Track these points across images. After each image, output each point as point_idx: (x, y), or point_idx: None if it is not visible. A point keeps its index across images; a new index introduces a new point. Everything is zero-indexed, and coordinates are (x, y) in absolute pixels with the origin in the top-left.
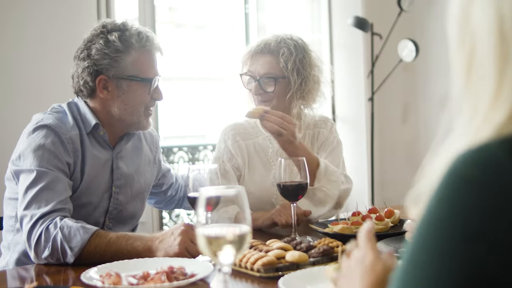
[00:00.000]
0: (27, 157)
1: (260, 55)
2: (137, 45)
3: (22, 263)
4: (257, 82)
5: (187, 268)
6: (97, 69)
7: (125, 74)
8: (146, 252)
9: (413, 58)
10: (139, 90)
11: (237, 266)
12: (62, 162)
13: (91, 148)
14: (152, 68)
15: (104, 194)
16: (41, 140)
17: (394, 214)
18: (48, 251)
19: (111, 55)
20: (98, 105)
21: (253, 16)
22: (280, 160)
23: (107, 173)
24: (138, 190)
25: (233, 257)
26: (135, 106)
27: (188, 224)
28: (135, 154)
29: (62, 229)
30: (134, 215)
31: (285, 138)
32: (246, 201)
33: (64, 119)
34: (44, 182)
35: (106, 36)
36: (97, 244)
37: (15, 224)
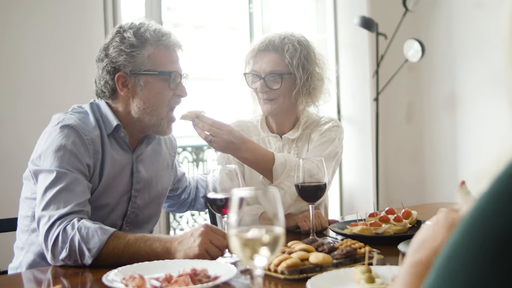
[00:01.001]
0: (48, 157)
1: (264, 53)
2: (153, 39)
3: (36, 264)
4: (263, 80)
5: (209, 270)
6: (115, 67)
7: (142, 69)
8: (165, 254)
9: (419, 58)
10: (157, 84)
11: None
12: (83, 163)
13: (111, 150)
14: (171, 62)
15: (123, 197)
16: (62, 140)
17: (412, 215)
18: (65, 253)
19: (126, 51)
20: (120, 106)
21: (257, 16)
22: (299, 160)
23: (127, 176)
24: (155, 195)
25: (267, 260)
26: (155, 105)
27: (208, 225)
28: (154, 158)
29: (80, 230)
30: (150, 219)
31: (216, 145)
32: (280, 202)
33: (86, 120)
34: (63, 183)
35: (122, 34)
36: (115, 246)
37: (30, 224)
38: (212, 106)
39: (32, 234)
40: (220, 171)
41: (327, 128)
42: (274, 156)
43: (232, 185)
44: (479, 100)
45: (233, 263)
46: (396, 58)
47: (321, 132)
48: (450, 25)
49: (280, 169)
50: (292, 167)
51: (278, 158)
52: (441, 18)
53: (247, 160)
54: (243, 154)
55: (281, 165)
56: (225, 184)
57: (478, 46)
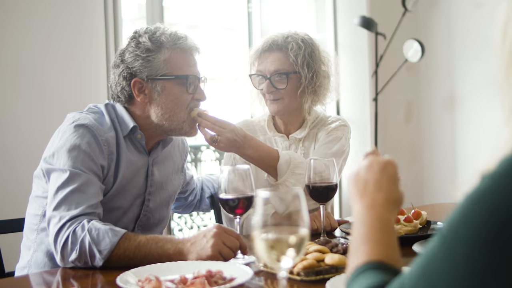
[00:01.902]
0: (61, 156)
1: (269, 52)
2: (169, 44)
3: (45, 265)
4: (268, 80)
5: (225, 272)
6: (131, 72)
7: (158, 74)
8: (177, 255)
9: (418, 58)
10: (174, 89)
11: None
12: (96, 164)
13: (126, 151)
14: (188, 66)
15: (136, 200)
16: (77, 140)
17: (422, 216)
18: (75, 254)
19: (142, 56)
20: (137, 110)
21: (256, 16)
22: (310, 160)
23: (142, 179)
24: (165, 198)
25: (293, 261)
26: (174, 110)
27: (220, 226)
28: (166, 161)
29: (90, 232)
30: (160, 222)
31: (221, 144)
32: (305, 202)
33: (101, 120)
34: (76, 184)
35: (137, 39)
36: (127, 247)
37: (40, 223)
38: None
39: (42, 233)
40: (232, 171)
41: (334, 127)
42: (278, 154)
43: (244, 186)
44: (478, 100)
45: (246, 264)
46: (395, 58)
47: (327, 131)
48: (449, 25)
49: (284, 166)
50: (297, 164)
51: (282, 155)
52: (440, 18)
53: (251, 158)
54: (246, 151)
55: (285, 163)
56: (237, 184)
57: (477, 46)
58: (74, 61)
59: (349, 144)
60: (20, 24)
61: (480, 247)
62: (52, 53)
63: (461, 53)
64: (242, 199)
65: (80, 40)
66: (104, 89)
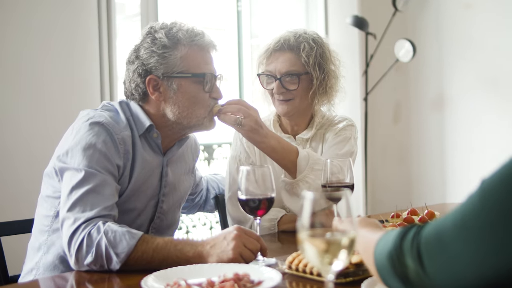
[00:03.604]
0: (76, 155)
1: (280, 52)
2: (186, 40)
3: (54, 267)
4: (278, 81)
5: (251, 275)
6: (146, 69)
7: (174, 71)
8: (196, 258)
9: (410, 58)
10: (191, 87)
11: (300, 271)
12: (112, 164)
13: (142, 151)
14: (205, 63)
15: (150, 201)
16: (92, 138)
17: (435, 216)
18: (91, 257)
19: (158, 52)
20: (151, 109)
21: (246, 15)
22: (325, 160)
23: (156, 179)
24: (178, 200)
25: (344, 264)
26: (191, 109)
27: (240, 228)
28: (179, 161)
29: (107, 234)
30: (172, 224)
31: (247, 127)
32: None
33: (117, 118)
34: (91, 184)
35: (153, 35)
36: (144, 250)
37: (52, 224)
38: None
39: (53, 234)
40: (252, 171)
41: (342, 127)
42: (297, 149)
43: (265, 186)
44: (467, 100)
45: (268, 266)
46: (386, 58)
47: (336, 131)
48: (438, 26)
49: (304, 162)
50: (315, 160)
51: (301, 151)
52: (430, 19)
53: (273, 149)
54: (270, 141)
55: (304, 158)
56: (258, 184)
57: (466, 46)
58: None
59: (357, 144)
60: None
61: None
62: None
63: (450, 54)
64: (263, 200)
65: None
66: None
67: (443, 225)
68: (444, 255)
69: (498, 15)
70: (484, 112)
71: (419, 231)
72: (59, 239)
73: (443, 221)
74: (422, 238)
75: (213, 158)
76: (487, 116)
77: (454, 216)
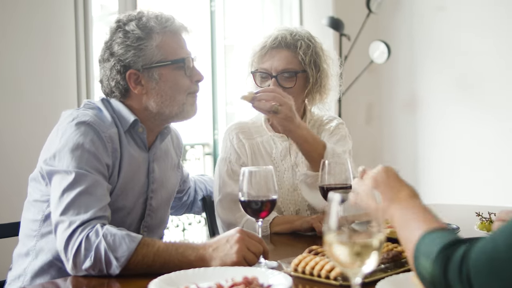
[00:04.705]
0: (64, 157)
1: (276, 50)
2: (158, 28)
3: (43, 272)
4: (275, 79)
5: (260, 279)
6: (124, 64)
7: (153, 62)
8: (199, 262)
9: (385, 59)
10: (172, 75)
11: (307, 274)
12: (102, 163)
13: (128, 147)
14: (181, 47)
15: (139, 199)
16: (79, 138)
17: None
18: (90, 262)
19: (133, 45)
20: (134, 103)
21: (219, 15)
22: (324, 161)
23: (143, 176)
24: (167, 196)
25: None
26: (174, 96)
27: (243, 231)
28: (165, 157)
29: (106, 237)
30: (162, 222)
31: (282, 115)
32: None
33: (102, 116)
34: (83, 186)
35: (124, 29)
36: (145, 254)
37: (40, 228)
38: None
39: (41, 239)
40: (255, 173)
41: (335, 126)
42: (325, 143)
43: (267, 188)
44: (439, 101)
45: (271, 268)
46: (359, 60)
47: (330, 130)
48: (411, 27)
49: (330, 155)
50: (339, 154)
51: (327, 144)
52: (403, 21)
53: (305, 140)
54: (303, 131)
55: (330, 151)
56: (260, 186)
57: (439, 48)
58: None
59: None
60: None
61: None
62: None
63: (423, 55)
64: (266, 202)
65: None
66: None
67: (495, 249)
68: (498, 283)
69: (471, 17)
70: (456, 113)
71: (466, 254)
72: (48, 244)
73: (493, 244)
74: (471, 264)
75: (186, 159)
76: (459, 117)
77: (506, 237)
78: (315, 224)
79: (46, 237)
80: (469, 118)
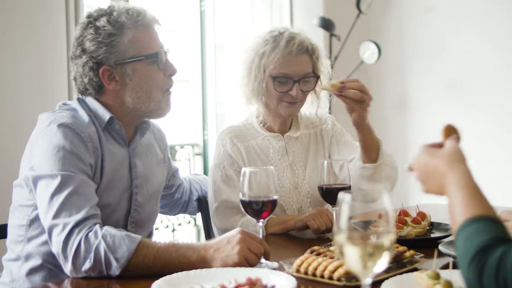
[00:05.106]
0: (47, 161)
1: (298, 55)
2: (129, 22)
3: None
4: (297, 84)
5: (263, 280)
6: (97, 61)
7: (126, 57)
8: (200, 262)
9: (375, 60)
10: (146, 69)
11: (309, 275)
12: (85, 163)
13: (108, 145)
14: (153, 41)
15: (123, 195)
16: (59, 141)
17: (426, 217)
18: (89, 263)
19: (105, 42)
20: (109, 100)
21: (209, 15)
22: (323, 161)
23: (126, 172)
24: (153, 191)
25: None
26: (150, 92)
27: (244, 231)
28: (148, 152)
29: (105, 238)
30: (150, 217)
31: (365, 104)
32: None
33: (78, 116)
34: (71, 187)
35: (94, 24)
36: (145, 255)
37: (26, 233)
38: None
39: (28, 243)
40: (256, 173)
41: (339, 127)
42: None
43: (268, 188)
44: (429, 101)
45: (272, 269)
46: (350, 60)
47: (338, 130)
48: (401, 28)
49: (384, 147)
50: (389, 155)
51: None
52: (392, 21)
53: (371, 131)
54: (367, 123)
55: (384, 148)
56: (261, 186)
57: (428, 48)
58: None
59: None
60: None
61: None
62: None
63: (412, 55)
64: (267, 202)
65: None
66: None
67: None
68: None
69: (460, 18)
70: (446, 113)
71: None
72: (36, 248)
73: None
74: (509, 269)
75: (175, 159)
76: (449, 117)
77: None
78: (309, 222)
79: (33, 241)
80: (458, 118)
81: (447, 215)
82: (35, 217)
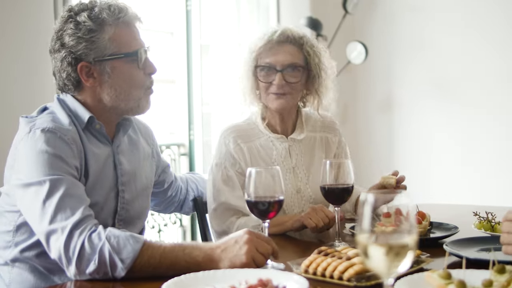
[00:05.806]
0: (32, 168)
1: (281, 44)
2: (111, 19)
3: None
4: (280, 73)
5: (274, 281)
6: (75, 57)
7: (105, 54)
8: (207, 263)
9: (362, 60)
10: (126, 68)
11: (318, 275)
12: (71, 166)
13: (89, 145)
14: (134, 39)
15: (110, 193)
16: (42, 146)
17: (426, 216)
18: (94, 265)
19: (85, 37)
20: (88, 97)
21: (195, 15)
22: (325, 161)
23: (110, 170)
24: (142, 187)
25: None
26: (129, 91)
27: (252, 232)
28: (134, 148)
29: (109, 239)
30: (140, 214)
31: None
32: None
33: (59, 119)
34: (62, 190)
35: (75, 19)
36: (151, 255)
37: (13, 238)
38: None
39: (16, 248)
40: (262, 173)
41: (344, 143)
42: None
43: (274, 188)
44: (414, 101)
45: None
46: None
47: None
48: (387, 28)
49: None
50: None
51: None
52: (379, 21)
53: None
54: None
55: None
56: (267, 187)
57: (414, 49)
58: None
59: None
60: None
61: None
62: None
63: (399, 56)
64: (274, 202)
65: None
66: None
67: None
68: None
69: (445, 17)
70: (432, 113)
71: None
72: (24, 252)
73: None
74: None
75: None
76: (435, 117)
77: None
78: (306, 221)
79: (21, 245)
80: (445, 118)
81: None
82: (22, 222)
